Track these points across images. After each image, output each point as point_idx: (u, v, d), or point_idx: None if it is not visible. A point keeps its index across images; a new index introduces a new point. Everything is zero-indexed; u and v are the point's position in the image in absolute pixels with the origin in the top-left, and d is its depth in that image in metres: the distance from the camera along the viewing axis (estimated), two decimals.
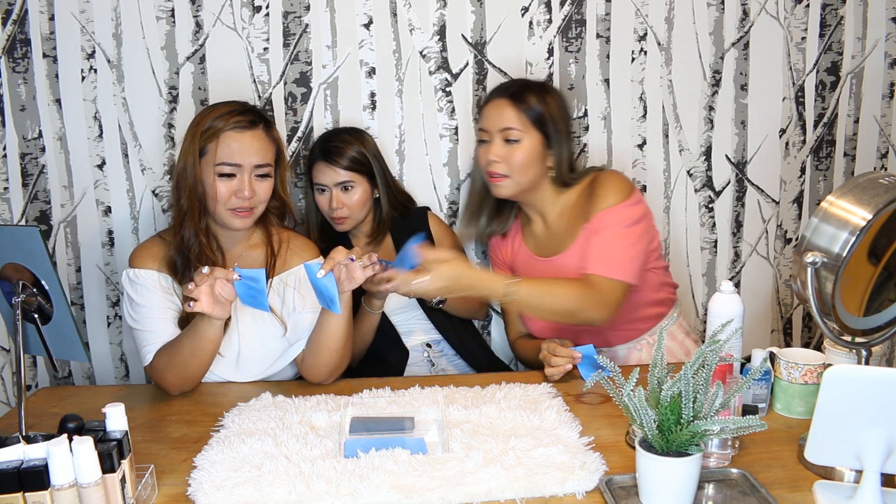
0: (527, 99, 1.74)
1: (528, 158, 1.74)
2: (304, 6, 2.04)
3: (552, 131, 1.75)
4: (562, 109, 1.79)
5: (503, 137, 1.74)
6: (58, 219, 2.09)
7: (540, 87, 1.80)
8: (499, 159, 1.74)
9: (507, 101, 1.75)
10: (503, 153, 1.74)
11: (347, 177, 1.91)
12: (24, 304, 1.31)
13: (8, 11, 1.96)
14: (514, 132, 1.73)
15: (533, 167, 1.75)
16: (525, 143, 1.73)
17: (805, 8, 2.19)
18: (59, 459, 1.03)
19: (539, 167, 1.76)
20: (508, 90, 1.78)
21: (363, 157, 1.93)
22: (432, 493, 1.15)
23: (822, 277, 1.25)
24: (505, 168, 1.74)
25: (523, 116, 1.73)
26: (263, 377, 1.67)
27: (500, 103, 1.76)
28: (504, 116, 1.74)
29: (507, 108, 1.74)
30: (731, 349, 1.39)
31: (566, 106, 1.83)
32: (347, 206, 1.92)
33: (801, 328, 2.42)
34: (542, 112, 1.74)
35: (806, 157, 2.30)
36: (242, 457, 1.27)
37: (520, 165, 1.73)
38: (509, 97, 1.76)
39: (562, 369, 1.59)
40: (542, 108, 1.74)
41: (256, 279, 1.40)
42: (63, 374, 2.18)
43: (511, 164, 1.74)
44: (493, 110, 1.77)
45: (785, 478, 1.22)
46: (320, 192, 1.94)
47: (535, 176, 1.76)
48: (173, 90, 2.04)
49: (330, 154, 1.91)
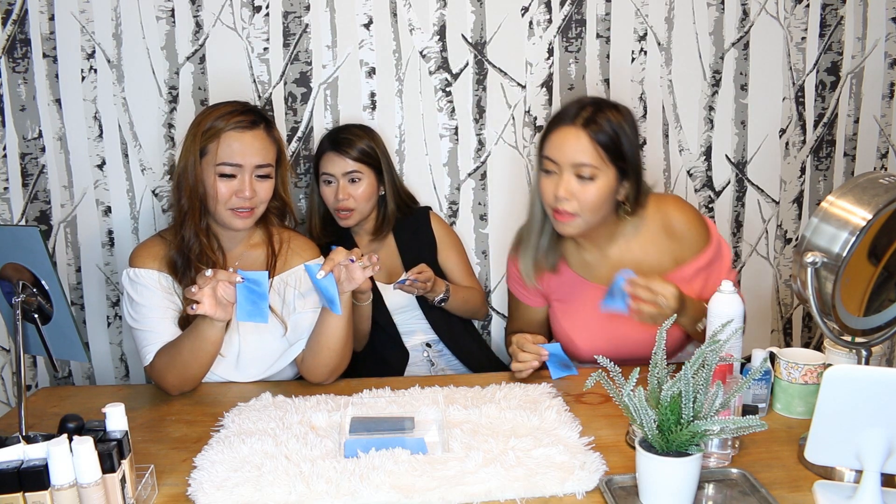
0: (603, 128, 1.55)
1: (602, 197, 1.57)
2: (304, 6, 2.04)
3: (630, 164, 1.58)
4: (636, 133, 1.61)
5: (575, 173, 1.56)
6: (58, 219, 2.09)
7: (613, 109, 1.60)
8: (569, 197, 1.56)
9: (582, 132, 1.55)
10: (574, 190, 1.56)
11: (356, 167, 1.92)
12: (24, 304, 1.31)
13: (8, 11, 1.96)
14: (588, 169, 1.55)
15: (606, 206, 1.59)
16: (600, 182, 1.56)
17: (805, 8, 2.19)
18: (59, 459, 1.03)
19: (611, 203, 1.61)
20: (581, 116, 1.57)
21: (372, 151, 1.94)
22: (432, 493, 1.15)
23: (822, 277, 1.25)
24: (575, 206, 1.57)
25: (600, 150, 1.55)
26: (263, 377, 1.67)
27: (573, 133, 1.56)
28: (578, 150, 1.55)
29: (583, 140, 1.55)
30: (731, 349, 1.39)
31: (637, 126, 1.65)
32: (354, 197, 1.93)
33: (801, 328, 2.42)
34: (620, 143, 1.56)
35: (806, 157, 2.30)
36: (242, 457, 1.26)
37: (593, 205, 1.57)
38: (584, 126, 1.55)
39: (528, 366, 1.58)
40: (619, 137, 1.56)
41: (259, 282, 1.40)
42: (63, 374, 2.18)
43: (583, 203, 1.56)
44: (564, 140, 1.56)
45: (785, 478, 1.22)
46: (327, 183, 1.95)
47: (607, 213, 1.62)
48: (173, 90, 2.04)
49: (340, 144, 1.93)
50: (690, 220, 1.68)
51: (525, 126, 2.17)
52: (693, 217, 1.69)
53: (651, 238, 1.69)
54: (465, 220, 2.22)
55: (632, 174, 1.60)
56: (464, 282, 2.08)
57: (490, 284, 2.26)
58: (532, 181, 1.63)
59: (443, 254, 2.07)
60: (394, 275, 2.00)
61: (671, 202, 1.70)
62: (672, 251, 1.68)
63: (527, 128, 2.17)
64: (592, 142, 1.55)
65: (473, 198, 2.20)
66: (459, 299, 1.99)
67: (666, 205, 1.69)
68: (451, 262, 2.08)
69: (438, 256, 2.06)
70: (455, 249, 2.09)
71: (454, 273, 2.08)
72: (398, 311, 1.98)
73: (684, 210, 1.69)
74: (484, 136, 2.17)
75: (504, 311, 2.28)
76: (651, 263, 1.67)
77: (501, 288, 2.26)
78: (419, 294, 1.91)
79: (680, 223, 1.67)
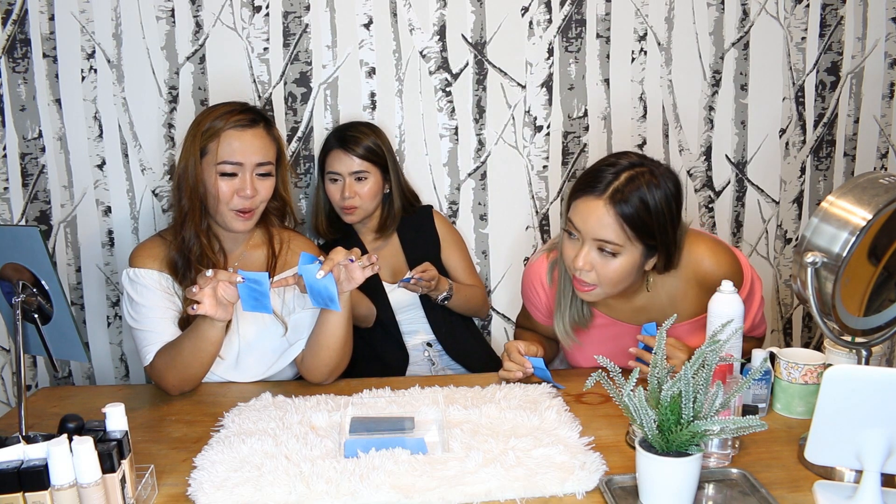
0: (634, 205, 1.42)
1: (624, 273, 1.48)
2: (304, 6, 2.04)
3: (660, 240, 1.47)
4: (673, 204, 1.47)
5: (598, 247, 1.46)
6: (58, 219, 2.09)
7: (647, 175, 1.45)
8: (589, 269, 1.48)
9: (610, 208, 1.43)
10: (595, 262, 1.47)
11: (362, 166, 1.92)
12: (24, 304, 1.31)
13: (8, 11, 1.96)
14: (611, 246, 1.45)
15: (628, 279, 1.50)
16: (623, 259, 1.46)
17: (805, 8, 2.19)
18: (59, 459, 1.03)
19: (635, 276, 1.52)
20: (612, 187, 1.43)
21: (379, 149, 1.95)
22: (432, 493, 1.15)
23: (822, 277, 1.25)
24: (594, 278, 1.48)
25: (626, 228, 1.43)
26: (263, 378, 1.67)
27: (600, 207, 1.43)
28: (602, 226, 1.43)
29: (606, 217, 1.43)
30: (731, 349, 1.40)
31: (679, 193, 1.50)
32: (359, 195, 1.93)
33: (801, 328, 2.42)
34: (649, 221, 1.44)
35: (806, 157, 2.30)
36: (242, 457, 1.26)
37: (613, 280, 1.48)
38: (611, 201, 1.42)
39: (512, 375, 1.57)
40: (649, 214, 1.43)
41: (260, 282, 1.40)
42: (63, 374, 2.18)
43: (602, 277, 1.48)
44: (590, 213, 1.45)
45: (785, 478, 1.22)
46: (332, 181, 1.95)
47: (630, 284, 1.53)
48: (173, 90, 2.04)
49: (347, 142, 1.93)
50: (722, 266, 1.57)
51: (525, 126, 2.17)
52: (725, 263, 1.58)
53: (680, 289, 1.60)
54: (465, 220, 2.22)
55: (662, 249, 1.49)
56: (467, 280, 2.08)
57: (490, 284, 2.26)
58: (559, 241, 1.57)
59: (446, 252, 2.07)
60: (398, 273, 2.01)
61: (703, 247, 1.58)
62: (701, 298, 1.57)
63: (527, 128, 2.17)
64: (618, 218, 1.43)
65: (473, 198, 2.20)
66: (462, 297, 1.99)
67: (698, 250, 1.58)
68: (454, 259, 2.08)
69: (441, 254, 2.06)
70: (458, 247, 2.09)
71: (457, 271, 2.08)
72: (402, 310, 1.98)
73: (717, 256, 1.58)
74: (484, 136, 2.17)
75: (504, 312, 2.28)
76: (675, 310, 1.59)
77: (502, 288, 2.26)
78: (423, 292, 1.92)
79: (712, 271, 1.56)
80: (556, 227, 2.23)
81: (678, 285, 1.60)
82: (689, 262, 1.58)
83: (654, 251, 1.50)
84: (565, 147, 2.19)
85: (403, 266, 2.01)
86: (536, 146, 2.18)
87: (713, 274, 1.55)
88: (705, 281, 1.57)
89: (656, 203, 1.44)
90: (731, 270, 1.58)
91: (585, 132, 2.19)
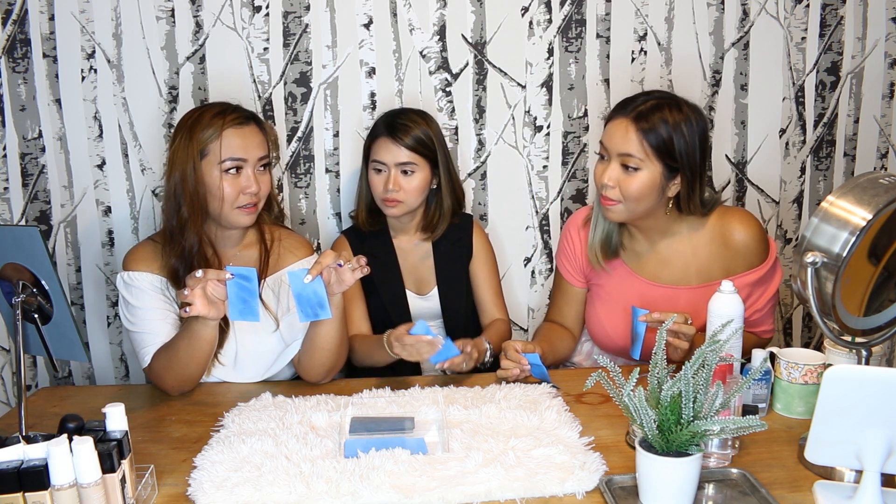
0: (654, 124, 1.57)
1: (644, 190, 1.59)
2: (304, 6, 2.04)
3: (680, 163, 1.59)
4: (698, 137, 1.60)
5: (621, 162, 1.60)
6: (58, 219, 2.09)
7: (674, 106, 1.60)
8: (613, 184, 1.60)
9: (632, 124, 1.58)
10: (619, 178, 1.60)
11: (410, 158, 1.81)
12: (24, 304, 1.31)
13: (8, 11, 1.96)
14: (632, 159, 1.58)
15: (649, 198, 1.61)
16: (643, 174, 1.58)
17: (805, 8, 2.19)
18: (59, 459, 1.03)
19: (656, 198, 1.62)
20: (635, 108, 1.60)
21: (429, 140, 1.84)
22: (432, 493, 1.15)
23: (822, 277, 1.25)
24: (618, 194, 1.61)
25: (646, 144, 1.57)
26: (262, 380, 1.67)
27: (623, 124, 1.59)
28: (625, 140, 1.58)
29: (630, 132, 1.58)
30: (731, 349, 1.40)
31: (704, 132, 1.63)
32: (404, 189, 1.82)
33: (801, 328, 2.42)
34: (669, 141, 1.57)
35: (806, 157, 2.30)
36: (242, 457, 1.27)
37: (634, 195, 1.60)
38: (634, 119, 1.58)
39: (510, 374, 1.57)
40: (670, 136, 1.57)
41: (248, 278, 1.41)
42: (63, 374, 2.18)
43: (625, 192, 1.60)
44: (615, 129, 1.61)
45: (785, 478, 1.22)
46: (377, 171, 1.84)
47: (651, 206, 1.63)
48: (173, 90, 2.04)
49: (395, 130, 1.81)
50: (753, 236, 1.67)
51: (525, 126, 2.17)
52: (755, 234, 1.68)
53: (705, 243, 1.69)
54: None
55: (683, 174, 1.60)
56: (490, 302, 1.96)
57: None
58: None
59: (476, 265, 1.96)
60: (423, 283, 1.93)
61: (738, 215, 1.70)
62: (724, 260, 1.68)
63: (527, 128, 2.17)
64: (639, 135, 1.57)
65: (473, 198, 2.20)
66: (496, 347, 1.79)
67: (731, 217, 1.69)
68: (482, 278, 1.96)
69: (470, 267, 1.96)
70: (489, 266, 1.98)
71: (481, 291, 1.96)
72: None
73: (748, 225, 1.68)
74: (484, 136, 2.17)
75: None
76: (697, 266, 1.70)
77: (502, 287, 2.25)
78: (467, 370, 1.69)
79: (741, 236, 1.67)
80: (557, 227, 2.23)
81: (703, 240, 1.69)
82: (719, 224, 1.69)
83: (675, 174, 1.61)
84: (565, 147, 2.19)
85: (431, 277, 1.93)
86: (536, 146, 2.18)
87: (741, 237, 1.67)
88: (732, 244, 1.68)
89: (678, 125, 1.58)
90: (759, 238, 1.68)
91: (585, 132, 2.19)
